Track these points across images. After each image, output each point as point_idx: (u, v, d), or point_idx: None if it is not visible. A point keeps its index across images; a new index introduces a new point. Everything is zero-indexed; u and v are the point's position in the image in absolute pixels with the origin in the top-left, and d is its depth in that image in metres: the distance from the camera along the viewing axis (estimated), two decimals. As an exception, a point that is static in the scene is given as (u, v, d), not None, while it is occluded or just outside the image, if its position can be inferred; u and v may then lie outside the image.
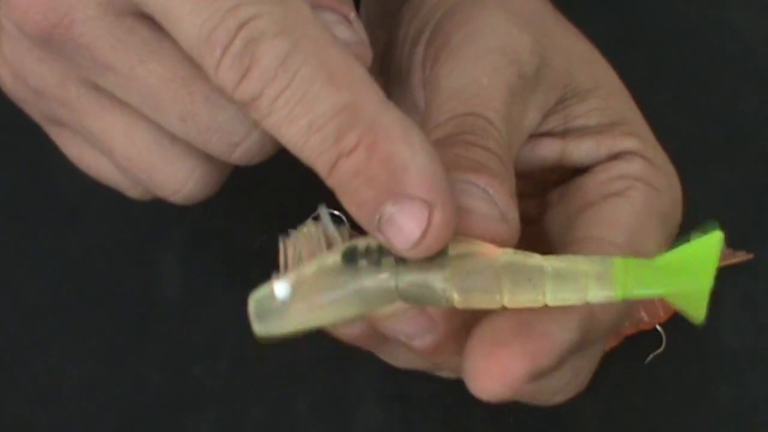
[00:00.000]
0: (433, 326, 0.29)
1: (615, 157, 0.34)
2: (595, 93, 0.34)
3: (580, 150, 0.34)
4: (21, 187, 0.46)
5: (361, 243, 0.27)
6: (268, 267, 0.46)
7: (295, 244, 0.28)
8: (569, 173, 0.35)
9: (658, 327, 0.42)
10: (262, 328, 0.27)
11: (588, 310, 0.28)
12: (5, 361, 0.42)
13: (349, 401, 0.41)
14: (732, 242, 0.44)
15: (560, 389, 0.32)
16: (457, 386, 0.42)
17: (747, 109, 0.47)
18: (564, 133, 0.35)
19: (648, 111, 0.36)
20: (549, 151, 0.34)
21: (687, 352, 0.43)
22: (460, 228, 0.27)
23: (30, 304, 0.43)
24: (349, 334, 0.30)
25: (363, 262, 0.26)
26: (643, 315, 0.42)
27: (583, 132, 0.34)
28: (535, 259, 0.26)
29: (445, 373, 0.35)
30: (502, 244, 0.28)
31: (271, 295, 0.27)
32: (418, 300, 0.27)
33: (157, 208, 0.44)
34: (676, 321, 0.42)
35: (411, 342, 0.29)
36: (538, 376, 0.27)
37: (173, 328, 0.42)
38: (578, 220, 0.33)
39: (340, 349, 0.42)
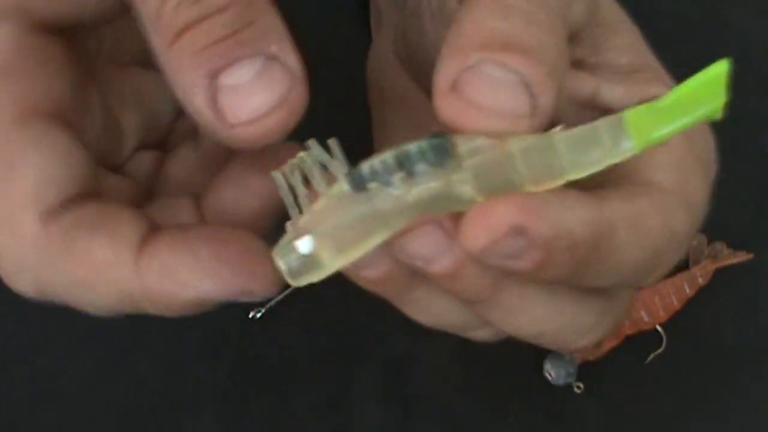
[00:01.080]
0: (450, 244, 0.26)
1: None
2: (625, 32, 0.32)
3: (613, 94, 0.31)
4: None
5: (364, 165, 0.25)
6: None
7: (290, 177, 0.26)
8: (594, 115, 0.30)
9: (658, 327, 0.42)
10: (298, 282, 0.25)
11: (608, 217, 0.25)
12: (5, 361, 0.42)
13: (349, 401, 0.41)
14: (732, 242, 0.44)
15: (585, 330, 0.29)
16: (457, 386, 0.42)
17: (747, 109, 0.47)
18: (595, 67, 0.31)
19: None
20: (583, 86, 0.31)
21: (687, 352, 0.43)
22: (472, 126, 0.25)
23: (30, 303, 0.43)
24: (373, 276, 0.27)
25: (373, 185, 0.25)
26: (643, 315, 0.42)
27: (614, 71, 0.31)
28: (548, 138, 0.25)
29: (477, 333, 0.31)
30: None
31: (297, 252, 0.25)
32: (438, 209, 0.25)
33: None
34: (676, 321, 0.42)
35: (430, 268, 0.26)
36: (530, 252, 0.24)
37: (173, 328, 0.42)
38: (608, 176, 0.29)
39: (340, 349, 0.42)
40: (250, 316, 0.42)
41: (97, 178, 0.29)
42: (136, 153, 0.32)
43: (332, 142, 0.26)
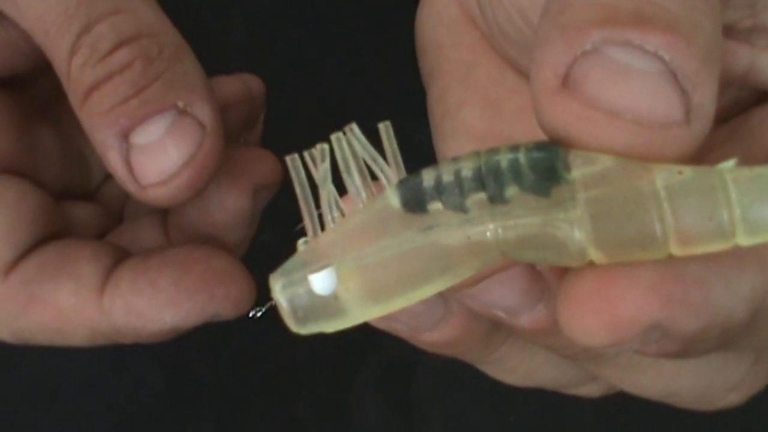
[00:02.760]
0: (543, 290, 0.19)
1: None
2: None
3: None
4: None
5: (427, 174, 0.17)
6: (268, 267, 0.46)
7: (315, 172, 0.18)
8: (747, 100, 0.23)
9: (658, 327, 0.42)
10: (304, 329, 0.19)
11: None
12: (5, 361, 0.42)
13: (349, 401, 0.41)
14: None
15: (731, 385, 0.23)
16: (458, 386, 0.42)
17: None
18: (752, 33, 0.22)
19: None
20: (734, 59, 0.22)
21: (687, 352, 0.43)
22: (594, 138, 0.17)
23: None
24: (439, 340, 0.21)
25: (436, 206, 0.17)
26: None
27: None
28: (714, 177, 0.16)
29: (581, 390, 0.25)
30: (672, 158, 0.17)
31: (308, 288, 0.18)
32: (531, 258, 0.17)
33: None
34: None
35: (515, 319, 0.20)
36: (664, 337, 0.17)
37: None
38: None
39: (340, 349, 0.42)
40: (250, 315, 0.42)
41: (64, 212, 0.29)
42: (109, 178, 0.31)
43: (385, 128, 0.18)
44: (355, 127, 0.18)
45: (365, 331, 0.42)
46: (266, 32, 0.47)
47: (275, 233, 0.44)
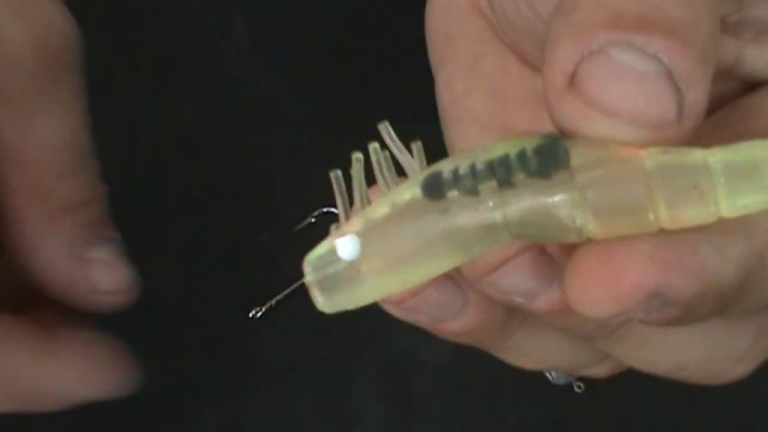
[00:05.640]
0: (557, 271, 0.21)
1: None
2: None
3: (759, 58, 0.24)
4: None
5: (446, 166, 0.19)
6: (268, 267, 0.46)
7: (356, 176, 0.20)
8: (734, 91, 0.25)
9: (658, 327, 0.42)
10: (328, 302, 0.21)
11: (758, 248, 0.20)
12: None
13: (349, 401, 0.41)
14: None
15: (738, 356, 0.24)
16: (458, 386, 0.42)
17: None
18: (738, 27, 0.23)
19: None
20: (723, 52, 0.23)
21: (687, 352, 0.43)
22: (598, 133, 0.19)
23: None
24: (459, 328, 0.23)
25: (453, 193, 0.19)
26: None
27: (762, 30, 0.24)
28: (696, 155, 0.18)
29: (593, 370, 0.27)
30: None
31: (334, 254, 0.20)
32: (536, 235, 0.19)
33: (158, 207, 0.44)
34: (676, 321, 0.42)
35: (533, 303, 0.21)
36: (665, 304, 0.18)
37: (173, 328, 0.42)
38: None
39: (340, 349, 0.42)
40: (250, 315, 0.42)
41: None
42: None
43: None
44: (386, 125, 0.20)
45: (365, 330, 0.42)
46: (266, 32, 0.47)
47: (274, 233, 0.44)
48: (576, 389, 0.41)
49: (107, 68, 0.44)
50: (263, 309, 0.42)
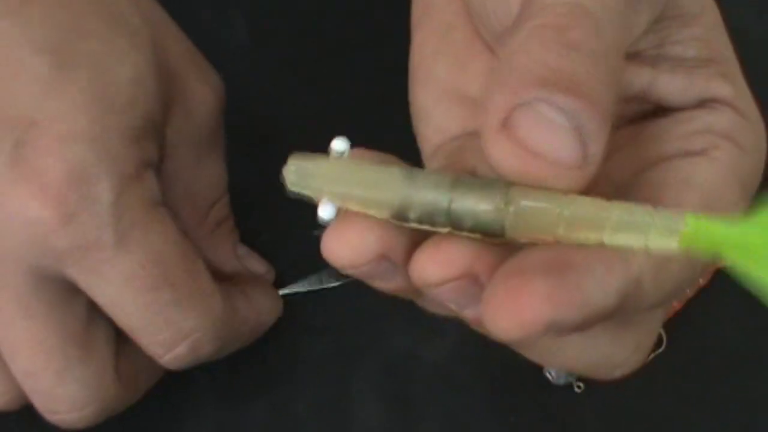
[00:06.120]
0: (481, 292, 0.26)
1: (703, 104, 0.30)
2: (699, 20, 0.30)
3: (670, 86, 0.29)
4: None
5: (411, 212, 0.25)
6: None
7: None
8: (648, 111, 0.30)
9: (658, 327, 0.42)
10: (295, 181, 0.27)
11: (635, 276, 0.25)
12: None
13: (349, 401, 0.41)
14: (732, 242, 0.44)
15: (619, 364, 0.30)
16: (458, 386, 0.42)
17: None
18: (656, 59, 0.29)
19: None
20: (637, 77, 0.29)
21: (687, 352, 0.43)
22: (522, 169, 0.24)
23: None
24: (387, 287, 0.28)
25: (421, 178, 0.25)
26: (644, 315, 0.42)
27: (677, 63, 0.29)
28: (600, 204, 0.24)
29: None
30: (568, 189, 0.24)
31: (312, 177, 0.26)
32: (466, 224, 0.25)
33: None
34: (676, 321, 0.42)
35: (462, 312, 0.27)
36: (558, 329, 0.24)
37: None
38: (651, 174, 0.28)
39: (340, 349, 0.42)
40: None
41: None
42: None
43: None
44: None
45: (365, 330, 0.42)
46: (266, 32, 0.47)
47: (274, 233, 0.44)
48: (576, 389, 0.41)
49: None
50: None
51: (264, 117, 0.45)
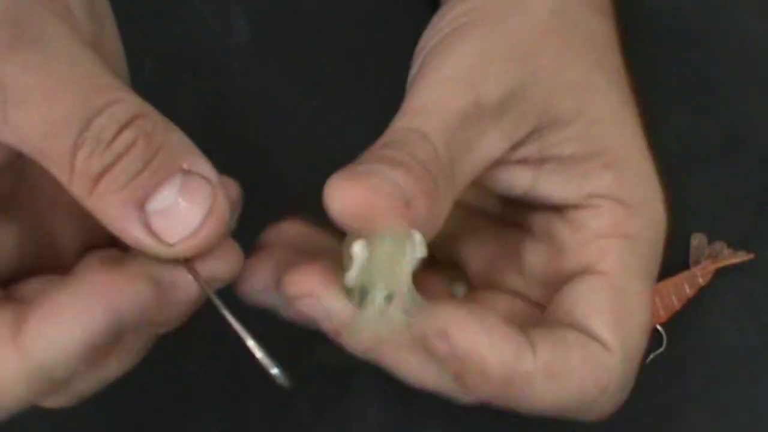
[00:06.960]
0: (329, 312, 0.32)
1: (586, 203, 0.34)
2: (575, 121, 0.34)
3: (549, 183, 0.34)
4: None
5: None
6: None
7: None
8: (531, 207, 0.35)
9: (658, 327, 0.42)
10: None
11: None
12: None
13: (349, 401, 0.41)
14: (732, 242, 0.44)
15: (591, 401, 0.33)
16: (457, 386, 0.42)
17: (747, 109, 0.47)
18: (540, 163, 0.34)
19: (648, 111, 0.36)
20: (518, 179, 0.34)
21: (687, 352, 0.43)
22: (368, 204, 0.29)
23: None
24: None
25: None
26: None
27: (557, 163, 0.34)
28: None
29: (467, 397, 0.34)
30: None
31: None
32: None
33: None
34: (676, 321, 0.42)
35: (321, 325, 0.32)
36: (450, 354, 0.30)
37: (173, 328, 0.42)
38: (560, 296, 0.33)
39: (340, 349, 0.42)
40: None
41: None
42: (89, 252, 0.34)
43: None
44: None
45: (365, 330, 0.42)
46: (266, 32, 0.47)
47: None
48: (576, 389, 0.41)
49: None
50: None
51: (263, 117, 0.45)
